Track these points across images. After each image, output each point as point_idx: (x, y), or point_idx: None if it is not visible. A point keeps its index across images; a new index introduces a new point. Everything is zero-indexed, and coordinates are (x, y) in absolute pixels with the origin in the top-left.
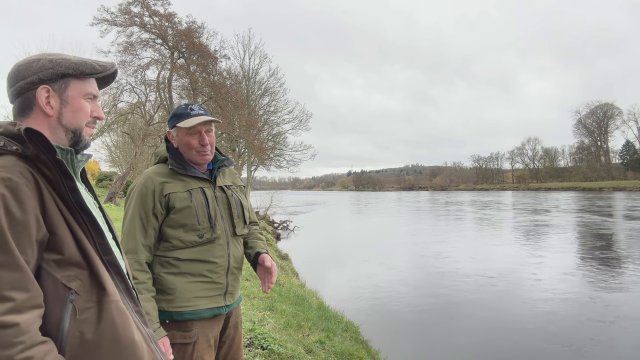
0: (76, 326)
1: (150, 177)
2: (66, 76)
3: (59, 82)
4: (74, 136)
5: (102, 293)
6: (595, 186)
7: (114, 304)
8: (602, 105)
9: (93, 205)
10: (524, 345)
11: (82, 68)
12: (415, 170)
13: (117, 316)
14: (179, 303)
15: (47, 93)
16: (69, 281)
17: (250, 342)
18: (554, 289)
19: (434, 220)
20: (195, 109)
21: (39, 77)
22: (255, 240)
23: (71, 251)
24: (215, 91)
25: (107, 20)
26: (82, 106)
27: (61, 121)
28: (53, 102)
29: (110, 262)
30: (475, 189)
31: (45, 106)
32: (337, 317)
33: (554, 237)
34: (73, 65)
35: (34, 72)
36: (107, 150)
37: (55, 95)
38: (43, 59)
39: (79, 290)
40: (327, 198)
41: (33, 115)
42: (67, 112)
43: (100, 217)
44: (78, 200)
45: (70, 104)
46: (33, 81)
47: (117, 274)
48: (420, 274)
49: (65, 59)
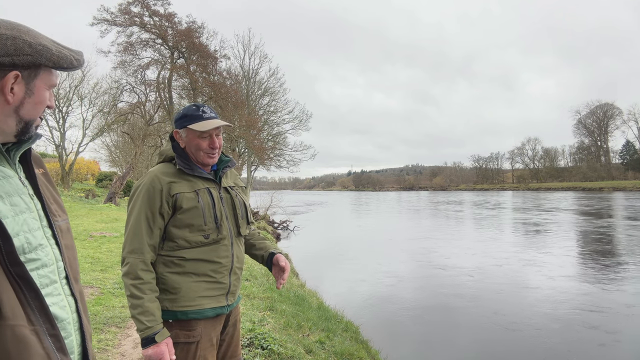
0: None
1: (157, 177)
2: (41, 66)
3: (30, 70)
4: (24, 127)
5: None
6: (595, 186)
7: (11, 329)
8: (602, 105)
9: (28, 197)
10: (524, 345)
11: (61, 62)
12: (415, 170)
13: (11, 346)
14: (183, 302)
15: (14, 79)
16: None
17: (250, 342)
18: (554, 289)
19: (433, 220)
20: (207, 112)
21: (13, 61)
22: (262, 240)
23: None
24: (215, 91)
25: (107, 20)
26: (44, 97)
27: (19, 111)
28: (17, 90)
29: (18, 274)
30: (475, 189)
31: (8, 93)
32: (337, 317)
33: (554, 237)
34: (54, 59)
35: (7, 54)
36: (107, 150)
37: (21, 83)
38: (19, 38)
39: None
40: (327, 198)
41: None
42: (28, 103)
43: (31, 211)
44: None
45: (35, 95)
46: (3, 63)
47: (28, 289)
48: (420, 273)
49: (46, 47)
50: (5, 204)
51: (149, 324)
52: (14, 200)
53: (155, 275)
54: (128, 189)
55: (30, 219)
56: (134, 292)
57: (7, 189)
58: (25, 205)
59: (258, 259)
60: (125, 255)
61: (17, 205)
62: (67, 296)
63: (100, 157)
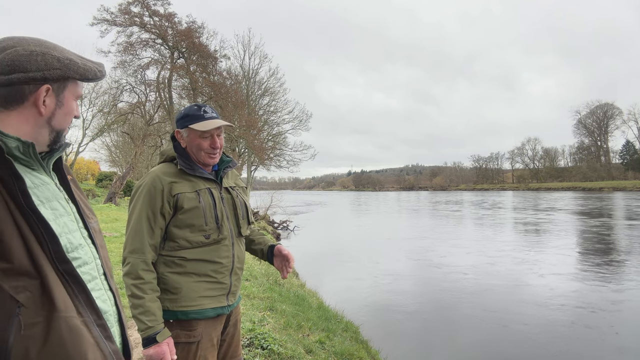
0: (21, 342)
1: (159, 177)
2: (69, 78)
3: (59, 83)
4: (56, 136)
5: (52, 308)
6: (595, 186)
7: (64, 320)
8: (602, 105)
9: (64, 202)
10: (524, 345)
11: (87, 74)
12: (415, 170)
13: (66, 335)
14: (184, 302)
15: (46, 92)
16: (16, 292)
17: (250, 342)
18: (554, 289)
19: (433, 220)
20: (208, 112)
21: (44, 76)
22: (260, 236)
23: (20, 260)
24: (215, 91)
25: (107, 20)
26: (73, 108)
27: (51, 122)
28: (49, 102)
29: (66, 271)
30: (475, 189)
31: (41, 105)
32: (337, 317)
33: (554, 237)
34: (81, 71)
35: (39, 69)
36: (107, 150)
37: (52, 96)
38: (47, 54)
39: (27, 303)
40: (327, 198)
41: (20, 109)
42: (59, 114)
43: (69, 214)
44: (29, 204)
45: (64, 106)
46: (35, 78)
47: (75, 284)
48: (420, 273)
49: (73, 61)
50: (47, 208)
51: (150, 324)
52: (53, 204)
53: (156, 275)
54: (128, 189)
55: (69, 221)
56: (135, 292)
57: (47, 194)
58: (63, 209)
59: (258, 254)
60: (126, 255)
61: (56, 210)
62: (107, 291)
63: (100, 157)
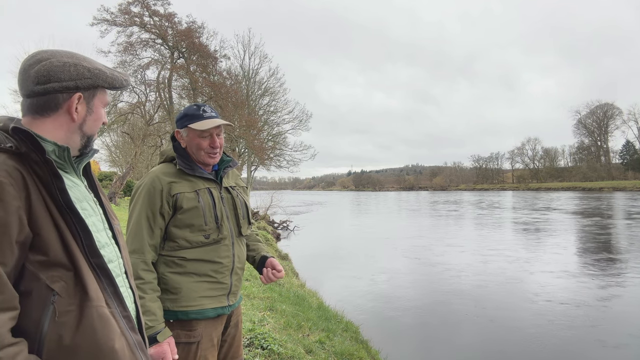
0: (55, 329)
1: (158, 177)
2: (98, 87)
3: (89, 91)
4: (87, 141)
5: (84, 297)
6: (595, 186)
7: (96, 309)
8: (602, 105)
9: (93, 203)
10: (524, 345)
11: (114, 83)
12: (415, 170)
13: (97, 322)
14: (184, 302)
15: (78, 100)
16: (52, 282)
17: (250, 342)
18: (554, 289)
19: (433, 220)
20: (207, 111)
21: (76, 85)
22: (255, 242)
23: (56, 252)
24: (215, 91)
25: (107, 20)
26: (101, 115)
27: (82, 127)
28: (80, 109)
29: (97, 264)
30: (475, 189)
31: (74, 112)
32: (337, 317)
33: (554, 237)
34: (109, 80)
35: (71, 78)
36: (107, 150)
37: (83, 103)
38: (79, 65)
39: (61, 292)
40: (327, 198)
41: (54, 116)
42: (90, 120)
43: (96, 215)
44: (67, 201)
45: (94, 113)
46: (69, 87)
47: (105, 277)
48: (420, 273)
49: (102, 71)
50: (79, 208)
51: (151, 324)
52: (84, 205)
53: (157, 275)
54: (128, 189)
55: (97, 221)
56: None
57: (78, 195)
58: (92, 210)
59: (249, 260)
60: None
61: (86, 210)
62: (127, 289)
63: (100, 157)
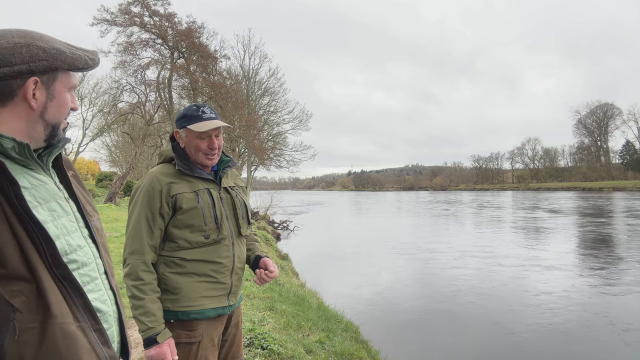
0: (15, 348)
1: (157, 177)
2: (57, 69)
3: (48, 74)
4: (52, 130)
5: (47, 314)
6: (595, 186)
7: (59, 327)
8: (602, 105)
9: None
10: (524, 345)
11: (77, 64)
12: (415, 170)
13: (61, 341)
14: (184, 303)
15: (34, 85)
16: (12, 297)
17: (250, 342)
18: (554, 290)
19: (433, 220)
20: (207, 112)
21: (30, 68)
22: (252, 242)
23: (15, 264)
24: (215, 91)
25: (107, 20)
26: (66, 100)
27: (44, 116)
28: (39, 95)
29: (63, 275)
30: (475, 189)
31: (31, 99)
32: (337, 317)
33: (554, 237)
34: (69, 61)
35: (24, 61)
36: (107, 150)
37: (42, 88)
38: (32, 44)
39: (22, 308)
40: (327, 198)
41: (11, 105)
42: (51, 107)
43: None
44: (25, 208)
45: (56, 98)
46: (21, 71)
47: (72, 289)
48: (420, 274)
49: (60, 50)
50: (44, 209)
51: (151, 325)
52: (51, 205)
53: (157, 276)
54: (128, 189)
55: (67, 222)
56: (135, 293)
57: (45, 195)
58: (62, 210)
59: (247, 261)
60: (126, 257)
61: (55, 210)
62: (107, 290)
63: (100, 157)
